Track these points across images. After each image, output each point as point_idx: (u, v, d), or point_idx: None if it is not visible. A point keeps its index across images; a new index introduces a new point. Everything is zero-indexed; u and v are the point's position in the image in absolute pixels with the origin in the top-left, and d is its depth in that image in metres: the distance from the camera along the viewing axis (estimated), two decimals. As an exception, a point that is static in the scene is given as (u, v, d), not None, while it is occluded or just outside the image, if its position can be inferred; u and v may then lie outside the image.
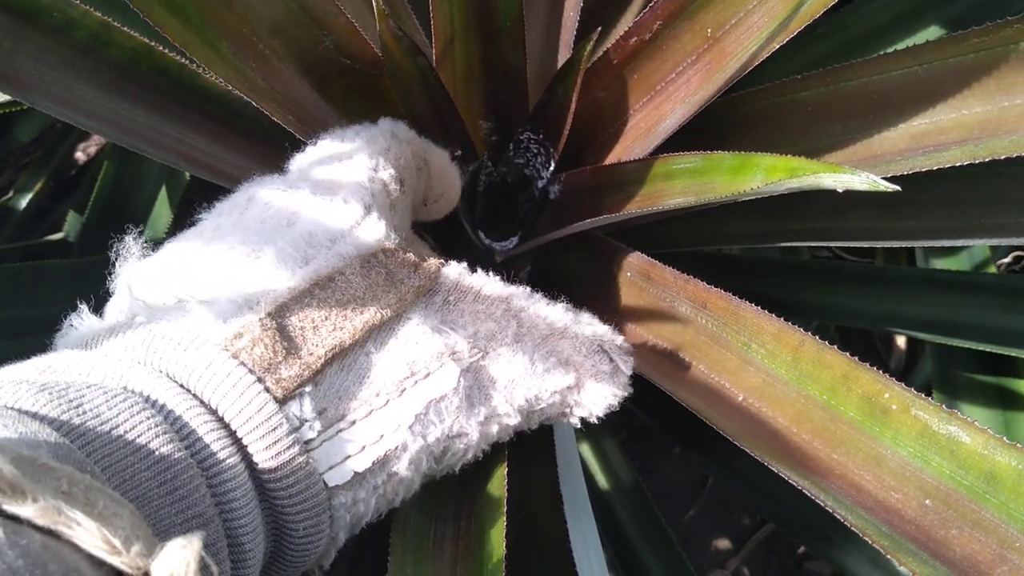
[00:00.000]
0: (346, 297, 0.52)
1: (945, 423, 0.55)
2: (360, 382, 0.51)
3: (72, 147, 1.48)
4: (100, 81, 0.71)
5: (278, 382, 0.48)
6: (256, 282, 0.51)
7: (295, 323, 0.50)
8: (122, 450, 0.42)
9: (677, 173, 0.64)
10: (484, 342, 0.56)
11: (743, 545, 1.39)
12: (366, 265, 0.55)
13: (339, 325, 0.51)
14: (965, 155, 0.65)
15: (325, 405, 0.49)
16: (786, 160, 0.52)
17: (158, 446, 0.43)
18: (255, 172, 0.75)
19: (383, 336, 0.53)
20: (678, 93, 0.72)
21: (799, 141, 0.75)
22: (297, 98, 0.70)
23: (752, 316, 0.65)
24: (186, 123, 0.75)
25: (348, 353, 0.51)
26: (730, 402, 0.62)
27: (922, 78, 0.69)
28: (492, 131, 0.81)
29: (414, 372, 0.52)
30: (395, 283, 0.55)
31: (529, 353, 0.57)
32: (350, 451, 0.49)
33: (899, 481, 0.55)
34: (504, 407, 0.55)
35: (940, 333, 0.94)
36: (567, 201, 0.79)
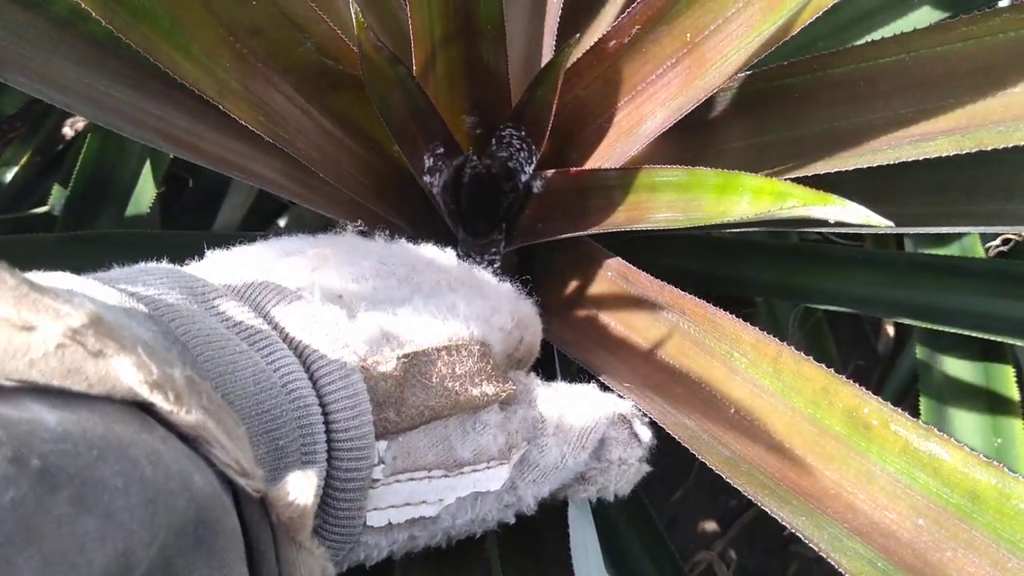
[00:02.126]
0: (461, 371, 0.55)
1: (924, 439, 0.54)
2: (431, 448, 0.54)
3: (59, 122, 1.47)
4: (78, 56, 0.69)
5: (384, 420, 0.51)
6: (400, 322, 0.54)
7: (417, 373, 0.53)
8: (230, 366, 0.44)
9: (661, 185, 0.64)
10: (530, 431, 0.59)
11: (729, 527, 1.38)
12: (482, 352, 0.57)
13: (445, 393, 0.54)
14: (952, 145, 0.63)
15: (397, 454, 0.52)
16: (771, 184, 0.52)
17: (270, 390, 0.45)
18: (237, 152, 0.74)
19: (466, 416, 0.56)
20: (659, 95, 0.71)
21: (784, 128, 0.73)
22: (275, 99, 0.68)
23: (729, 325, 0.64)
24: (167, 100, 0.72)
25: (437, 418, 0.54)
26: (722, 415, 0.61)
27: (910, 66, 0.67)
28: (475, 125, 0.79)
29: (476, 460, 0.55)
30: (494, 378, 0.57)
31: (561, 443, 0.59)
32: (394, 503, 0.53)
33: (891, 499, 0.54)
34: (528, 499, 0.59)
35: (928, 318, 0.93)
36: (551, 197, 0.78)
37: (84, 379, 0.31)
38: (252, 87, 0.66)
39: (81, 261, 0.92)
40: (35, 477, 0.26)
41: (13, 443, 0.26)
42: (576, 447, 0.59)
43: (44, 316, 0.30)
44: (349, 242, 0.61)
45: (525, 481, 0.58)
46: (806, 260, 0.99)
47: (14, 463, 0.26)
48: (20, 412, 0.28)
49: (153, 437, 0.32)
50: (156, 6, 0.59)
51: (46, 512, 0.26)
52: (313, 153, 0.70)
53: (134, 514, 0.29)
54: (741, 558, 1.37)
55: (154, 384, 0.32)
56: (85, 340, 0.31)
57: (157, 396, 0.32)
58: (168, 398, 0.33)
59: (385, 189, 0.78)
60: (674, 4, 0.67)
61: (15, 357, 0.29)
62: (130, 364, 0.32)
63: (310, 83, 0.70)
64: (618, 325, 0.71)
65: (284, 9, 0.65)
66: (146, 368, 0.32)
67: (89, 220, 1.10)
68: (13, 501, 0.26)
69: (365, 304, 0.55)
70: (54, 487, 0.27)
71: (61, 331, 0.30)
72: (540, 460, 0.58)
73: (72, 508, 0.27)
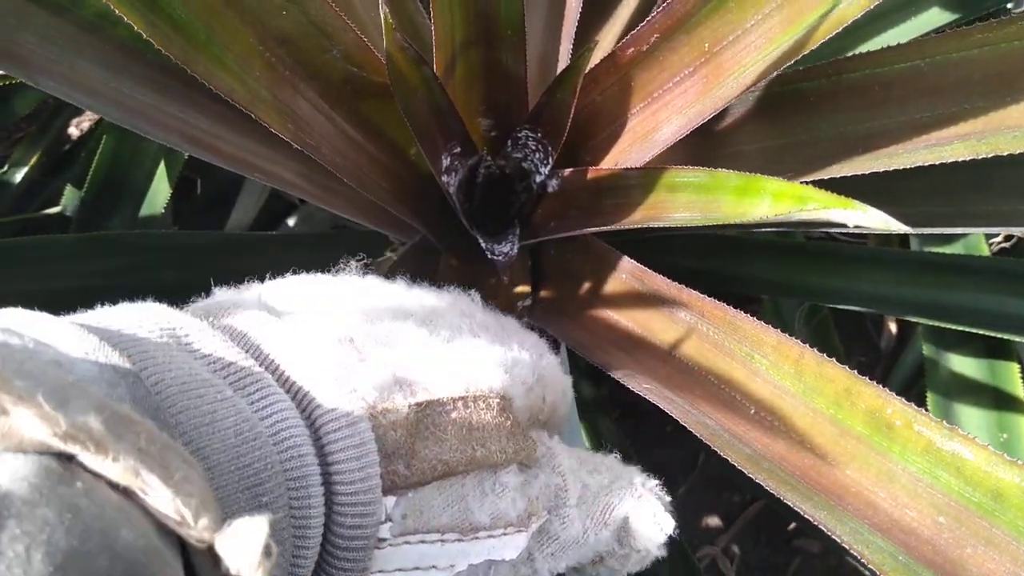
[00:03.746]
0: (478, 424, 0.51)
1: (947, 439, 0.54)
2: (445, 509, 0.50)
3: (66, 122, 1.47)
4: (105, 60, 0.70)
5: (392, 473, 0.47)
6: (413, 368, 0.51)
7: (430, 424, 0.50)
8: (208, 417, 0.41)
9: (681, 186, 0.64)
10: (551, 500, 0.55)
11: (733, 523, 1.40)
12: (503, 405, 0.54)
13: (461, 447, 0.50)
14: (967, 150, 0.64)
15: (408, 512, 0.49)
16: (792, 187, 0.52)
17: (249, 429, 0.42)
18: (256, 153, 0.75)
19: (484, 475, 0.52)
20: (675, 102, 0.72)
21: (799, 132, 0.74)
22: (301, 105, 0.69)
23: (750, 327, 0.64)
24: (189, 103, 0.73)
25: (452, 476, 0.50)
26: (743, 415, 0.61)
27: (925, 72, 0.68)
28: (491, 128, 0.80)
29: (493, 526, 0.51)
30: (514, 434, 0.54)
31: (583, 518, 0.55)
32: (402, 566, 0.48)
33: (912, 498, 0.55)
34: (544, 573, 0.54)
35: (933, 316, 0.94)
36: (566, 197, 0.79)
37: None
38: (280, 95, 0.66)
39: (97, 261, 0.94)
40: None
41: None
42: (599, 523, 0.55)
43: None
44: (361, 282, 0.58)
45: (543, 554, 0.54)
46: (812, 259, 1.00)
47: None
48: None
49: (72, 491, 0.29)
50: (194, 19, 0.60)
51: None
52: (337, 158, 0.71)
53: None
54: (744, 553, 1.38)
55: (65, 435, 0.30)
56: None
57: (74, 447, 0.30)
58: (87, 447, 0.30)
59: (403, 192, 0.79)
60: (694, 14, 0.67)
61: None
62: (32, 416, 0.29)
63: (335, 90, 0.71)
64: (634, 327, 0.71)
65: (313, 18, 0.66)
66: (51, 419, 0.30)
67: (103, 221, 1.11)
68: None
69: (377, 346, 0.51)
70: None
71: None
72: (561, 533, 0.54)
73: None
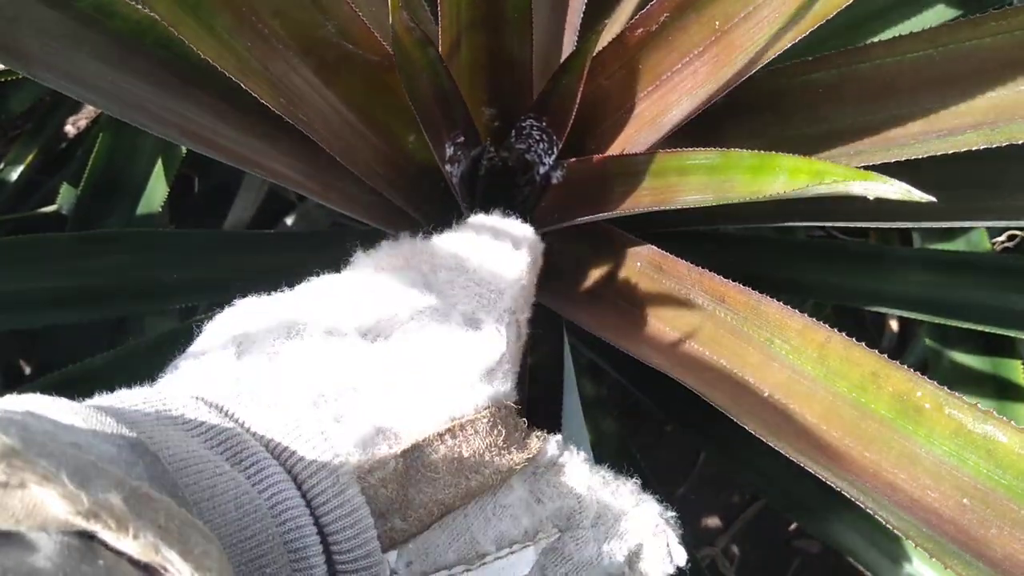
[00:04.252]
0: (469, 451, 0.51)
1: (981, 422, 0.54)
2: (451, 545, 0.50)
3: (62, 121, 1.46)
4: (103, 54, 0.69)
5: (389, 531, 0.47)
6: (394, 410, 0.50)
7: (420, 467, 0.49)
8: (208, 492, 0.41)
9: (692, 168, 0.63)
10: (564, 521, 0.54)
11: (732, 523, 1.39)
12: (492, 419, 0.52)
13: (455, 482, 0.50)
14: (981, 139, 0.64)
15: (413, 558, 0.49)
16: (809, 163, 0.51)
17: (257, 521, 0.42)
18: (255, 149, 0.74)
19: (484, 500, 0.52)
20: (684, 84, 0.71)
21: (811, 124, 0.73)
22: (294, 80, 0.68)
23: (775, 312, 0.63)
24: (188, 98, 0.73)
25: (452, 510, 0.50)
26: (755, 398, 0.61)
27: (937, 61, 0.67)
28: (495, 117, 0.79)
29: (499, 548, 0.51)
30: (508, 448, 0.53)
31: (598, 541, 0.54)
32: None
33: (935, 480, 0.54)
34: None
35: (936, 313, 0.94)
36: (570, 188, 0.78)
37: (10, 515, 0.29)
38: (272, 68, 0.66)
39: (94, 260, 0.93)
40: None
41: None
42: (614, 547, 0.55)
43: None
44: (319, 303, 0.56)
45: (556, 574, 0.53)
46: (813, 256, 0.99)
47: None
48: None
49: (94, 569, 0.30)
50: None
51: None
52: (331, 138, 0.70)
53: None
54: (744, 554, 1.38)
55: (88, 513, 0.30)
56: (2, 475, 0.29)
57: (95, 525, 0.30)
58: (108, 525, 0.30)
59: (399, 180, 0.78)
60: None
61: None
62: (56, 495, 0.29)
63: (329, 68, 0.70)
64: (645, 313, 0.71)
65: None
66: (74, 497, 0.30)
67: (100, 219, 1.10)
68: None
69: (349, 394, 0.50)
70: None
71: None
72: (575, 554, 0.54)
73: None
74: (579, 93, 0.71)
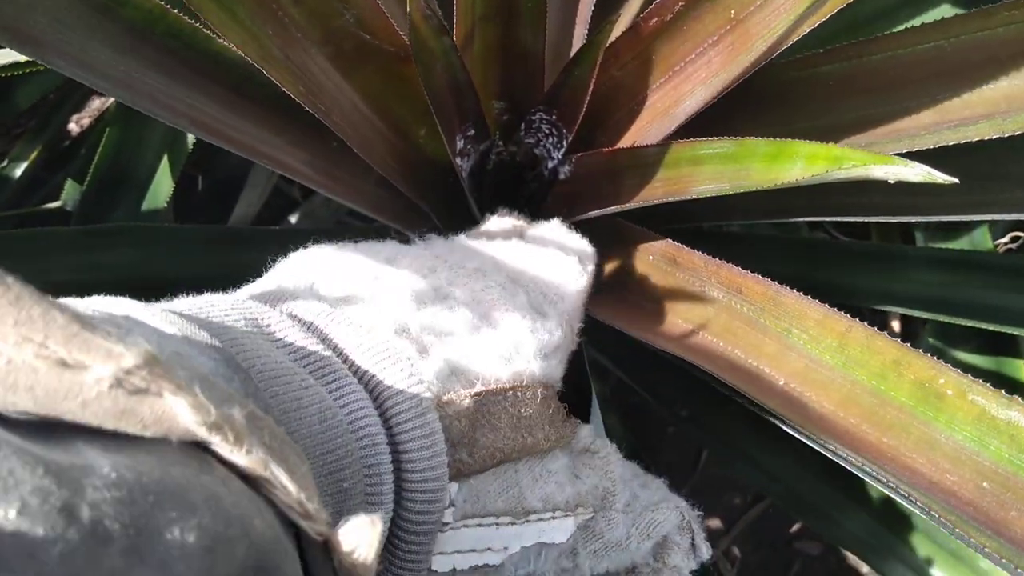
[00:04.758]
0: (526, 413, 0.55)
1: (1005, 408, 0.54)
2: (501, 494, 0.53)
3: (66, 118, 1.46)
4: (115, 43, 0.69)
5: (457, 462, 0.50)
6: (468, 359, 0.53)
7: (486, 413, 0.52)
8: (295, 403, 0.42)
9: (706, 158, 0.63)
10: (599, 500, 0.58)
11: (734, 524, 1.39)
12: (544, 394, 0.57)
13: (513, 436, 0.54)
14: (993, 129, 0.64)
15: (467, 497, 0.52)
16: (827, 148, 0.51)
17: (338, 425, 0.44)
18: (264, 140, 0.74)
19: (533, 463, 0.56)
20: (698, 74, 0.71)
21: (820, 116, 0.74)
22: (312, 70, 0.68)
23: (793, 302, 0.64)
24: (197, 88, 0.72)
25: (506, 462, 0.54)
26: (771, 386, 0.61)
27: (948, 52, 0.68)
28: (504, 111, 0.79)
29: (543, 509, 0.55)
30: (555, 422, 0.57)
31: (628, 526, 0.58)
32: (460, 548, 0.52)
33: (954, 464, 0.55)
34: (585, 570, 0.57)
35: (940, 311, 0.94)
36: (578, 183, 0.78)
37: (139, 421, 0.30)
38: (292, 56, 0.66)
39: (99, 254, 0.92)
40: (86, 529, 0.25)
41: (63, 493, 0.25)
42: (643, 534, 0.58)
43: (95, 356, 0.29)
44: (404, 261, 0.59)
45: (587, 550, 0.57)
46: (816, 255, 1.00)
47: (63, 514, 0.25)
48: (72, 457, 0.27)
49: (213, 479, 0.31)
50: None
51: (97, 565, 0.25)
52: (347, 128, 0.70)
53: (191, 564, 0.28)
54: (745, 555, 1.37)
55: (212, 425, 0.31)
56: (138, 381, 0.29)
57: (216, 437, 0.31)
58: (227, 438, 0.32)
59: (411, 173, 0.78)
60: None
61: (67, 398, 0.28)
62: (186, 405, 0.30)
63: (345, 58, 0.70)
64: (659, 305, 0.71)
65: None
66: (203, 409, 0.31)
67: (105, 214, 1.10)
68: (62, 555, 0.24)
69: (431, 335, 0.53)
70: (106, 539, 0.26)
71: (113, 372, 0.29)
72: (606, 532, 0.57)
73: (125, 560, 0.26)
74: (591, 85, 0.70)
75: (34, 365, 0.28)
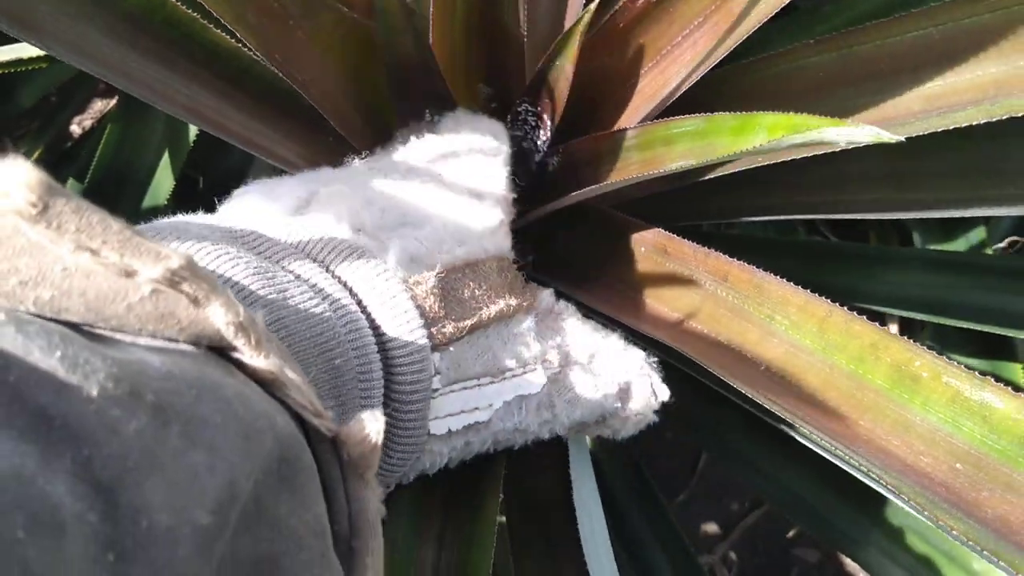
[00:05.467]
0: (487, 284, 0.61)
1: (978, 389, 0.55)
2: (477, 358, 0.59)
3: (67, 120, 1.46)
4: (114, 32, 0.70)
5: (437, 334, 0.56)
6: (424, 246, 0.59)
7: (450, 289, 0.58)
8: (283, 295, 0.46)
9: (677, 137, 0.63)
10: (564, 357, 0.64)
11: (732, 531, 1.38)
12: (499, 266, 0.63)
13: (480, 305, 0.60)
14: (981, 114, 0.63)
15: (450, 365, 0.58)
16: (788, 117, 0.51)
17: (327, 330, 0.48)
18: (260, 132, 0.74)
19: (501, 327, 0.61)
20: (684, 56, 0.71)
21: (810, 107, 0.72)
22: (291, 43, 0.68)
23: (776, 288, 0.65)
24: (195, 79, 0.73)
25: (477, 330, 0.59)
26: (753, 373, 0.61)
27: (936, 40, 0.67)
28: (491, 97, 0.79)
29: (516, 366, 0.61)
30: (514, 289, 0.63)
31: (593, 375, 0.64)
32: (451, 411, 0.58)
33: (928, 446, 0.55)
34: (563, 418, 0.64)
35: (937, 314, 0.93)
36: (566, 173, 0.77)
37: (176, 323, 0.32)
38: (269, 25, 0.66)
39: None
40: (151, 411, 0.28)
41: (131, 379, 0.28)
42: (608, 382, 0.64)
43: (145, 259, 0.31)
44: (350, 174, 0.65)
45: (562, 400, 0.63)
46: (813, 257, 0.99)
47: (133, 397, 0.28)
48: (127, 354, 0.30)
49: (237, 380, 0.34)
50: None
51: (163, 443, 0.28)
52: (326, 103, 0.70)
53: (234, 448, 0.31)
54: (743, 562, 1.36)
55: (239, 326, 0.34)
56: (182, 283, 0.32)
57: (240, 340, 0.34)
58: (250, 342, 0.34)
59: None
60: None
61: (115, 301, 0.31)
62: (219, 305, 0.33)
63: (325, 33, 0.70)
64: (647, 294, 0.71)
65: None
66: (234, 309, 0.33)
67: (106, 211, 1.10)
68: (136, 431, 0.27)
69: (386, 230, 0.58)
70: (166, 422, 0.29)
71: (160, 273, 0.31)
72: (575, 383, 0.63)
73: (182, 441, 0.29)
74: (571, 74, 0.70)
75: (89, 269, 0.31)
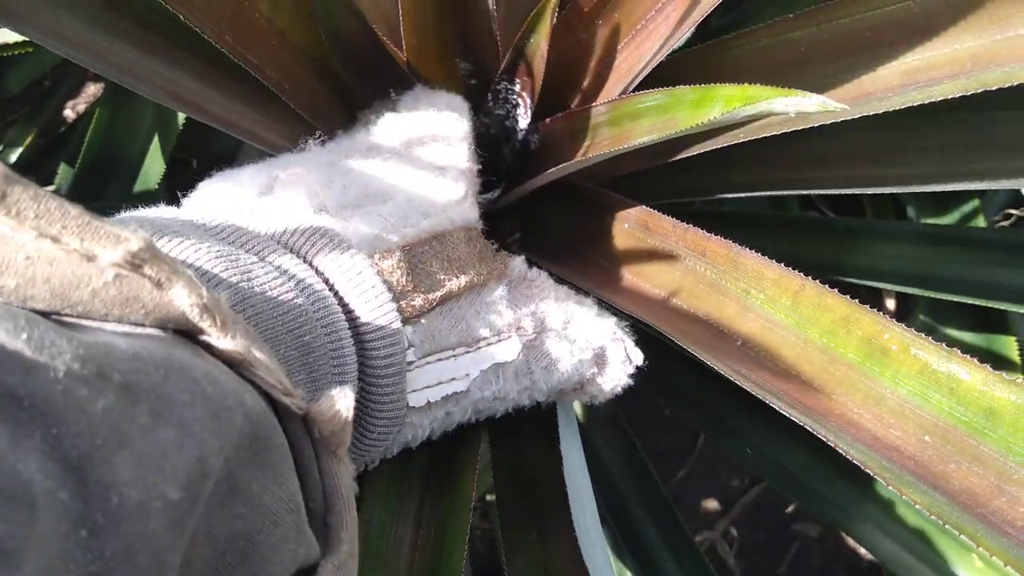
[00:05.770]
0: (455, 255, 0.61)
1: (945, 361, 0.55)
2: (451, 329, 0.60)
3: (60, 104, 1.47)
4: (87, 14, 0.69)
5: (407, 307, 0.57)
6: (388, 221, 0.59)
7: (417, 262, 0.59)
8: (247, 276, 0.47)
9: (643, 112, 0.64)
10: (540, 323, 0.65)
11: (732, 507, 1.38)
12: (467, 236, 0.63)
13: (449, 276, 0.60)
14: (957, 88, 0.63)
15: (423, 338, 0.58)
16: (742, 89, 0.52)
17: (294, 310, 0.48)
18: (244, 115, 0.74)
19: (473, 297, 0.62)
20: (658, 30, 0.71)
21: (791, 82, 0.72)
22: (250, 18, 0.67)
23: (752, 262, 0.65)
24: (174, 61, 0.72)
25: (448, 301, 0.60)
26: (729, 348, 0.61)
27: (915, 13, 0.67)
28: (470, 74, 0.78)
29: (491, 335, 0.62)
30: (484, 259, 0.64)
31: (569, 341, 0.65)
32: (428, 383, 0.58)
33: (898, 419, 0.55)
34: (541, 384, 0.64)
35: (931, 288, 0.93)
36: (546, 151, 0.77)
37: (141, 307, 0.33)
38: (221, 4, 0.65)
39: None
40: (118, 390, 0.29)
41: (97, 360, 0.29)
42: (583, 347, 0.65)
43: (105, 243, 0.32)
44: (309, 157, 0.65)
45: (539, 367, 0.64)
46: (807, 232, 0.99)
47: (99, 377, 0.29)
48: (94, 337, 0.30)
49: (205, 361, 0.34)
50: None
51: (131, 421, 0.29)
52: (286, 84, 0.70)
53: (203, 426, 0.31)
54: (743, 537, 1.37)
55: (203, 307, 0.34)
56: (143, 265, 0.32)
57: (206, 321, 0.34)
58: (216, 323, 0.35)
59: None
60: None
61: (79, 287, 0.31)
62: (181, 287, 0.33)
63: (288, 11, 0.69)
64: (628, 271, 0.71)
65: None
66: (197, 291, 0.34)
67: (97, 196, 1.11)
68: (104, 409, 0.28)
69: (348, 209, 0.59)
70: (134, 400, 0.29)
71: (121, 256, 0.32)
72: (551, 350, 0.64)
73: (151, 419, 0.30)
74: (545, 52, 0.69)
75: (52, 256, 0.31)
